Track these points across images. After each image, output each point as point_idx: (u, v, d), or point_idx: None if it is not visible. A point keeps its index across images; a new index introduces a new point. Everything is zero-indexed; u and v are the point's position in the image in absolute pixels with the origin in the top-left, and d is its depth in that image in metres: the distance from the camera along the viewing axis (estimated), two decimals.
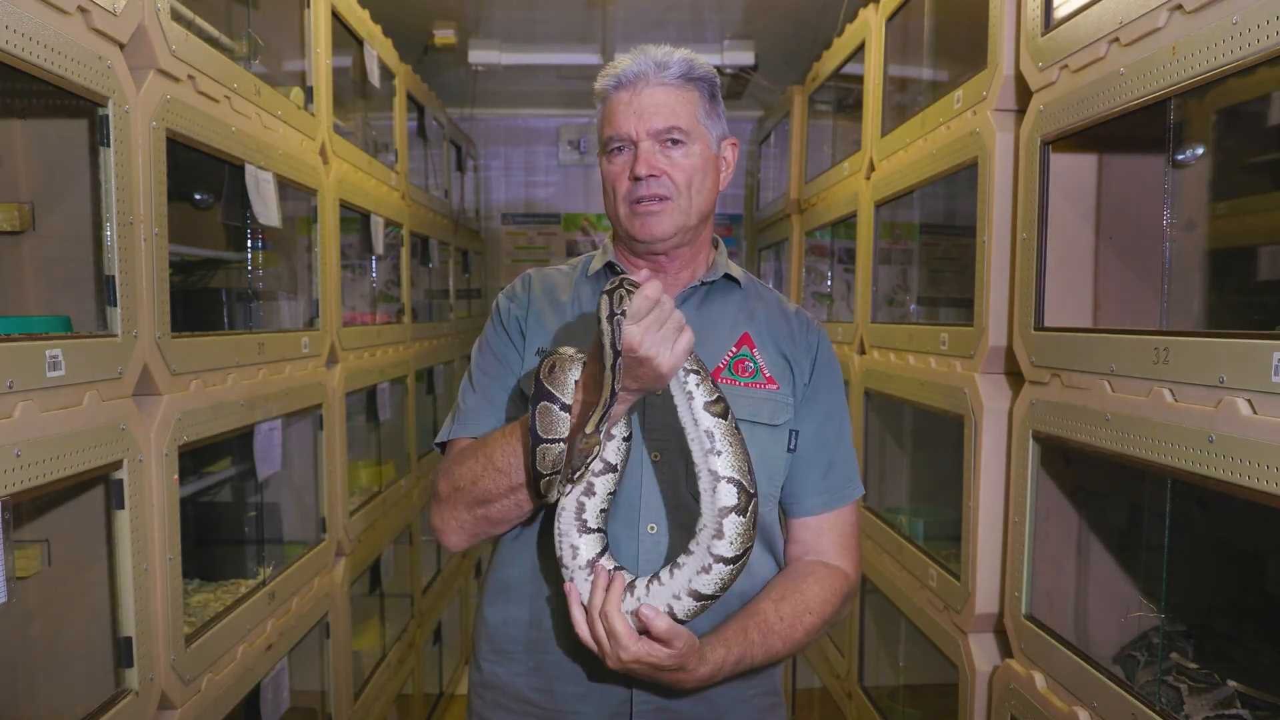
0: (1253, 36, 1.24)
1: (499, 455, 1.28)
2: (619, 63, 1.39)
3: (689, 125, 1.37)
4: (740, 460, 1.20)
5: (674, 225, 1.38)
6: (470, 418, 1.41)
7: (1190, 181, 1.72)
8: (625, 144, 1.37)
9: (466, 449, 1.35)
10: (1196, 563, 1.79)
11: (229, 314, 2.30)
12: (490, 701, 1.42)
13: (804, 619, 1.34)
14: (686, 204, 1.38)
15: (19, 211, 1.59)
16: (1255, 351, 1.24)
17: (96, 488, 1.54)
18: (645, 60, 1.37)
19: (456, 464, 1.34)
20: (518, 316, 1.45)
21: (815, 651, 3.27)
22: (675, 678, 1.23)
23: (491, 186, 5.34)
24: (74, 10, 1.38)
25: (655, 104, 1.36)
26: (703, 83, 1.40)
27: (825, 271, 3.70)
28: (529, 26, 3.91)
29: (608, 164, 1.40)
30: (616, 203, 1.40)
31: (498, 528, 1.34)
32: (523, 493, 1.28)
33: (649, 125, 1.35)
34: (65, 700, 1.57)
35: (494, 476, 1.28)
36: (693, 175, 1.38)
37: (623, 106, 1.37)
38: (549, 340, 1.42)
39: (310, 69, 2.43)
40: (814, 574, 1.39)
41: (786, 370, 1.43)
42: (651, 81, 1.37)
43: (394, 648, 3.13)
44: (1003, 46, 1.92)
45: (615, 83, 1.38)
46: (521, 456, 1.25)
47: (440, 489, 1.36)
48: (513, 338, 1.45)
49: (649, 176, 1.35)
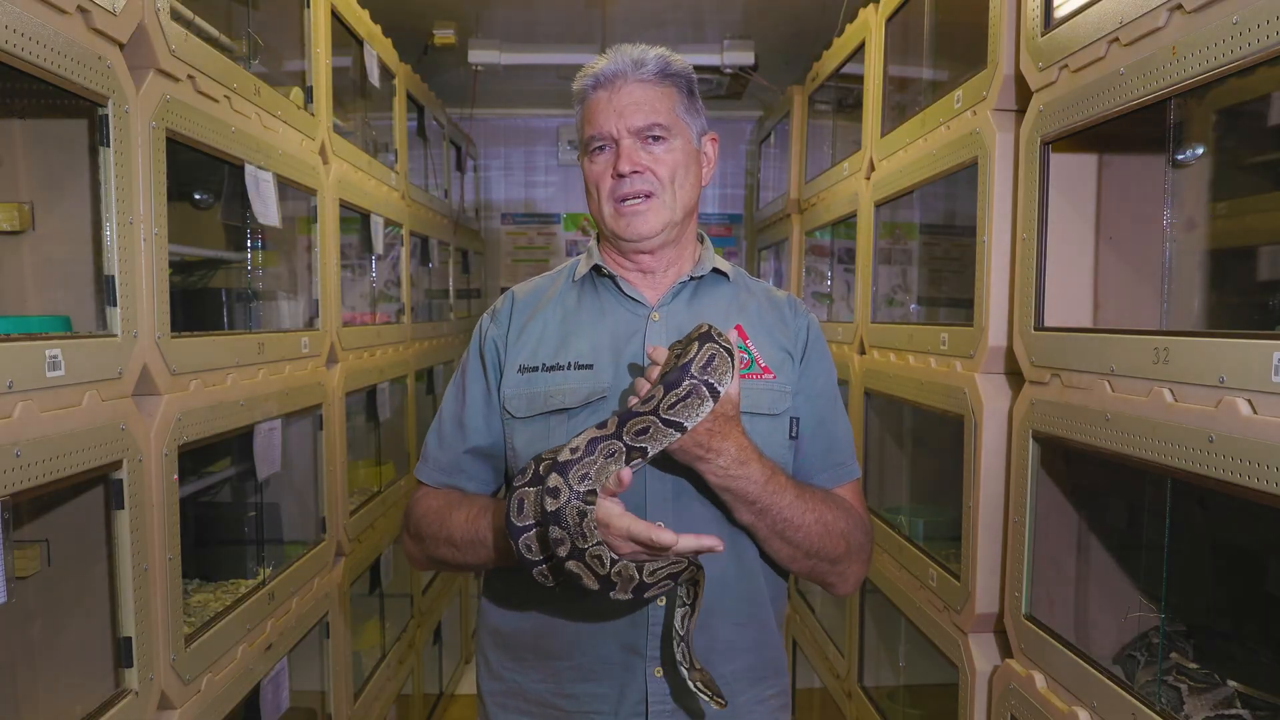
0: (1253, 36, 1.24)
1: (458, 533, 1.36)
2: (595, 63, 1.40)
3: (669, 121, 1.38)
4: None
5: (660, 222, 1.38)
6: (431, 462, 1.49)
7: (1190, 181, 1.72)
8: (606, 143, 1.38)
9: (431, 509, 1.42)
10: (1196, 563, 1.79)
11: (229, 314, 2.30)
12: (508, 707, 1.43)
13: (839, 514, 1.35)
14: (671, 199, 1.39)
15: (19, 211, 1.59)
16: (1255, 351, 1.24)
17: (96, 488, 1.54)
18: (622, 59, 1.38)
19: (423, 514, 1.42)
20: (496, 340, 1.46)
21: (815, 651, 3.27)
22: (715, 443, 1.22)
23: (491, 186, 5.33)
24: (74, 10, 1.38)
25: (634, 101, 1.36)
26: (680, 78, 1.41)
27: (825, 271, 3.70)
28: (529, 26, 3.91)
29: (589, 164, 1.41)
30: (601, 202, 1.40)
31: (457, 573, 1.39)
32: (481, 559, 1.36)
33: (629, 122, 1.36)
34: (65, 700, 1.57)
35: (449, 551, 1.38)
36: (675, 170, 1.39)
37: (602, 105, 1.37)
38: (532, 355, 1.41)
39: (310, 69, 2.43)
40: (841, 498, 1.42)
41: (783, 358, 1.44)
42: (630, 79, 1.37)
43: (394, 648, 3.13)
44: (1003, 46, 1.92)
45: (593, 82, 1.39)
46: (483, 543, 1.34)
47: (408, 525, 1.46)
48: (488, 367, 1.46)
49: (632, 173, 1.36)
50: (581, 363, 1.39)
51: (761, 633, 1.41)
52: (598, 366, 1.38)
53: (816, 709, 3.39)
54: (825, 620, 3.26)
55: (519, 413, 1.39)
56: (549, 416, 1.37)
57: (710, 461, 1.23)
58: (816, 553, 1.33)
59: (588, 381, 1.37)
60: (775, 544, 1.32)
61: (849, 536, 1.35)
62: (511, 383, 1.41)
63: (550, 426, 1.37)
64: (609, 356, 1.39)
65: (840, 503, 1.39)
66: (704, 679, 1.23)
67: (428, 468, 1.48)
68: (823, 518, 1.32)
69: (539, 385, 1.39)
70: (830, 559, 1.34)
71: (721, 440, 1.22)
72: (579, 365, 1.39)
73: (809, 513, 1.30)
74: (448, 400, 1.50)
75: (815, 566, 1.35)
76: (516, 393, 1.40)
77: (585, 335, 1.41)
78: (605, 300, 1.46)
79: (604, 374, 1.38)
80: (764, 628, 1.42)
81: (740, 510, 1.29)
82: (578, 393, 1.36)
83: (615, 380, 1.38)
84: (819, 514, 1.31)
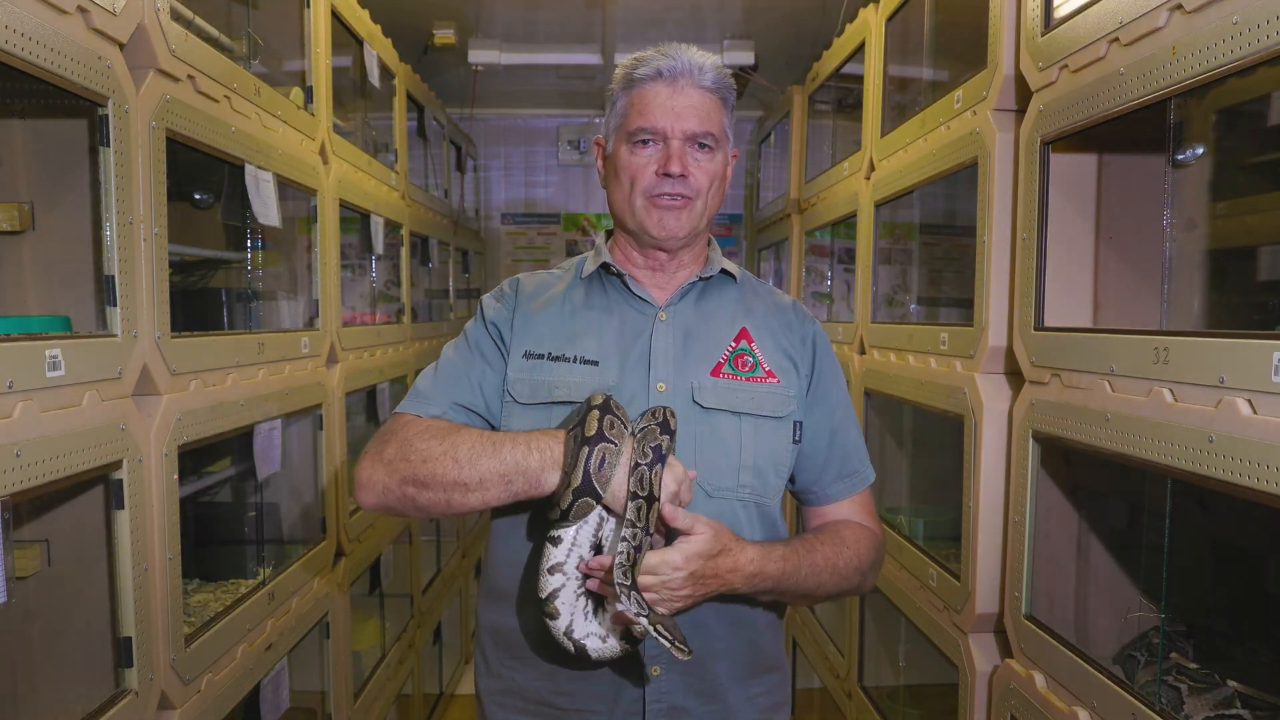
0: (1253, 36, 1.24)
1: (464, 448, 1.27)
2: (652, 55, 1.38)
3: (718, 132, 1.40)
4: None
5: (690, 226, 1.40)
6: (426, 397, 1.40)
7: (1190, 181, 1.72)
8: (656, 138, 1.37)
9: (431, 426, 1.33)
10: (1196, 563, 1.79)
11: (229, 314, 2.30)
12: (506, 705, 1.43)
13: (844, 550, 1.38)
14: (703, 207, 1.40)
15: (19, 211, 1.59)
16: (1255, 351, 1.24)
17: (96, 488, 1.54)
18: (684, 59, 1.37)
19: (420, 431, 1.31)
20: (501, 320, 1.45)
21: (815, 651, 3.27)
22: (724, 564, 1.23)
23: (491, 186, 5.33)
24: (74, 10, 1.38)
25: (692, 106, 1.36)
26: (728, 92, 1.42)
27: (825, 271, 3.70)
28: (529, 26, 3.91)
29: (630, 154, 1.39)
30: (633, 194, 1.39)
31: (414, 512, 1.32)
32: (459, 494, 1.26)
33: (685, 126, 1.36)
34: (65, 700, 1.57)
35: (448, 465, 1.26)
36: (714, 180, 1.40)
37: (662, 100, 1.36)
38: (538, 343, 1.41)
39: (310, 69, 2.43)
40: (844, 525, 1.45)
41: (786, 363, 1.45)
42: (693, 82, 1.37)
43: (394, 648, 3.13)
44: (1003, 46, 1.92)
45: (654, 73, 1.37)
46: (490, 462, 1.25)
47: (386, 452, 1.32)
48: (495, 337, 1.44)
49: (680, 176, 1.36)
50: (588, 358, 1.39)
51: (754, 633, 1.42)
52: (603, 364, 1.39)
53: (816, 709, 3.39)
54: (825, 620, 3.26)
55: (522, 398, 1.39)
56: (552, 406, 1.38)
57: (736, 576, 1.27)
58: (832, 594, 1.41)
59: (593, 377, 1.38)
60: (790, 599, 1.41)
61: (860, 565, 1.40)
62: (517, 367, 1.40)
63: (553, 417, 1.37)
64: (615, 355, 1.40)
65: (845, 536, 1.42)
66: (666, 624, 1.17)
67: (422, 403, 1.40)
68: (834, 567, 1.36)
69: (543, 374, 1.39)
70: (846, 590, 1.42)
71: (732, 571, 1.26)
72: (585, 360, 1.39)
73: (822, 573, 1.35)
74: (449, 353, 1.45)
75: (832, 596, 1.44)
76: (521, 378, 1.40)
77: (592, 332, 1.42)
78: (613, 298, 1.46)
79: (609, 372, 1.38)
80: (756, 628, 1.42)
81: (760, 595, 1.35)
82: (583, 387, 1.37)
83: (620, 379, 1.38)
84: (831, 567, 1.36)
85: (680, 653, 1.15)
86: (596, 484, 1.20)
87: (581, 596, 1.24)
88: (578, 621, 1.23)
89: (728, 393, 1.39)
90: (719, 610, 1.37)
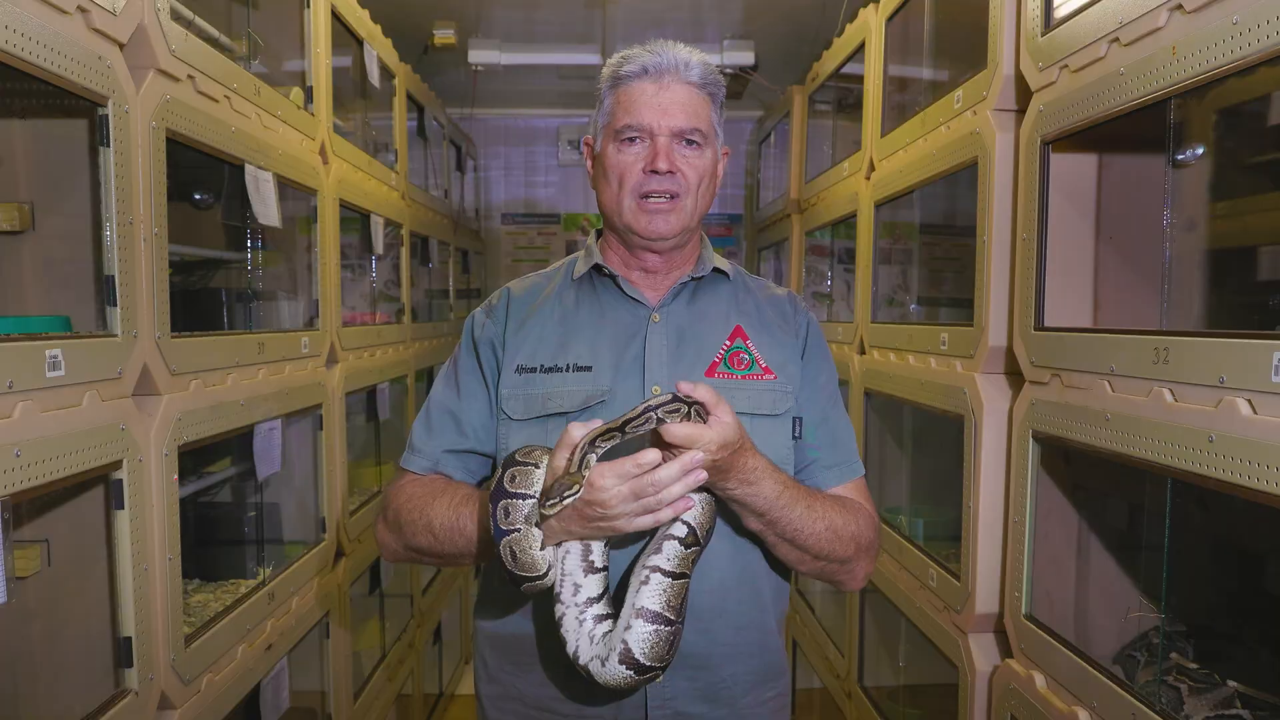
0: (1253, 36, 1.24)
1: (438, 522, 1.33)
2: (638, 53, 1.38)
3: (706, 128, 1.38)
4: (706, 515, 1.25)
5: (679, 224, 1.38)
6: (419, 451, 1.45)
7: (1190, 181, 1.72)
8: (642, 135, 1.36)
9: (414, 494, 1.38)
10: (1196, 563, 1.79)
11: (229, 314, 2.30)
12: (506, 710, 1.42)
13: (848, 516, 1.34)
14: (692, 205, 1.39)
15: (19, 211, 1.59)
16: (1255, 351, 1.24)
17: (96, 488, 1.54)
18: (670, 55, 1.36)
19: (405, 501, 1.38)
20: (493, 338, 1.44)
21: (815, 651, 3.27)
22: (738, 461, 1.20)
23: (491, 186, 5.33)
24: (74, 10, 1.38)
25: (679, 102, 1.36)
26: (717, 88, 1.41)
27: (825, 271, 3.70)
28: (529, 26, 3.91)
29: (617, 152, 1.38)
30: (621, 194, 1.38)
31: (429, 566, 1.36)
32: (452, 562, 1.35)
33: (672, 122, 1.35)
34: (65, 700, 1.57)
35: (430, 540, 1.34)
36: (703, 177, 1.39)
37: (647, 98, 1.36)
38: (530, 355, 1.40)
39: (310, 69, 2.43)
40: (849, 499, 1.41)
41: (784, 358, 1.43)
42: (679, 78, 1.36)
43: (394, 648, 3.13)
44: (1003, 46, 1.92)
45: (639, 70, 1.36)
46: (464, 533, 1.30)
47: (387, 513, 1.42)
48: (483, 363, 1.44)
49: (667, 172, 1.35)
50: (580, 364, 1.38)
51: (763, 635, 1.41)
52: (597, 369, 1.37)
53: (816, 709, 3.39)
54: (825, 620, 3.26)
55: (516, 415, 1.38)
56: (547, 419, 1.36)
57: (720, 484, 1.23)
58: (825, 555, 1.33)
59: (586, 384, 1.36)
60: (783, 548, 1.33)
61: (859, 538, 1.36)
62: (509, 384, 1.39)
63: (548, 430, 1.36)
64: (609, 359, 1.38)
65: (850, 505, 1.38)
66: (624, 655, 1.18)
67: (415, 457, 1.44)
68: (832, 524, 1.32)
69: (537, 387, 1.38)
70: (839, 560, 1.35)
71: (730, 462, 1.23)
72: (578, 367, 1.38)
73: (819, 521, 1.30)
74: (438, 390, 1.47)
75: (824, 567, 1.36)
76: (514, 394, 1.39)
77: (584, 337, 1.40)
78: (605, 300, 1.45)
79: (603, 376, 1.37)
80: (765, 630, 1.41)
81: (748, 519, 1.29)
82: (576, 395, 1.36)
83: (615, 382, 1.36)
84: (829, 521, 1.31)
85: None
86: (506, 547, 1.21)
87: (586, 621, 1.24)
88: (583, 645, 1.23)
89: (723, 392, 1.38)
90: (727, 612, 1.36)
